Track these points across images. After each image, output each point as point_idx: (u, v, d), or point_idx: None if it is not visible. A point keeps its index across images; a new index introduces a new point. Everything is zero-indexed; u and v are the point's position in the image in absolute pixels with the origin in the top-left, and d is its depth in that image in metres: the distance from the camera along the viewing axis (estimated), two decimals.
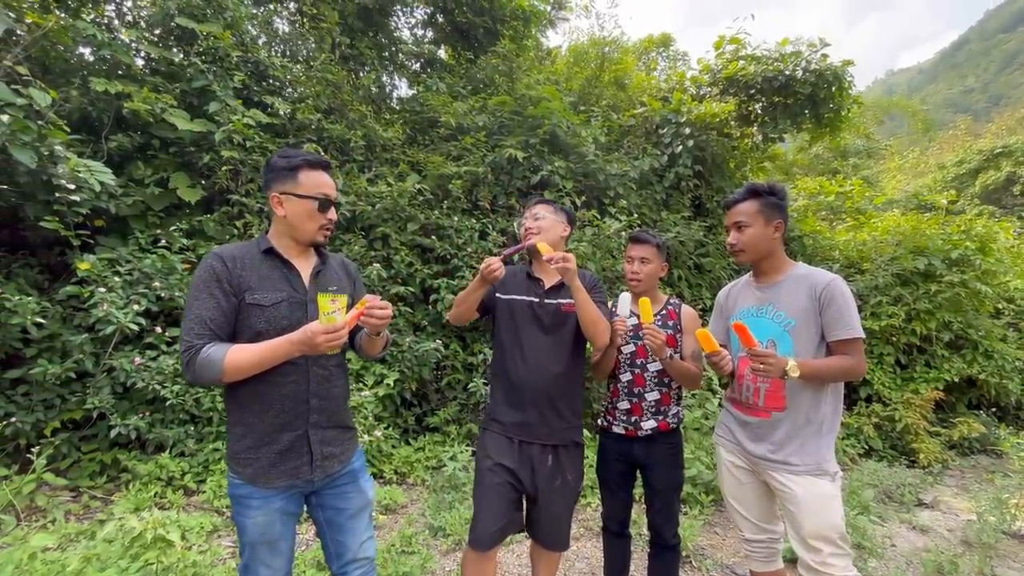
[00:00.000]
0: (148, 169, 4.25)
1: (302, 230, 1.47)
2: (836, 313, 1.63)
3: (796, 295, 1.71)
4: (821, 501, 1.63)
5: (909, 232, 6.22)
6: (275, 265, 1.47)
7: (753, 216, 1.77)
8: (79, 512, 3.14)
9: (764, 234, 1.76)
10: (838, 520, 1.62)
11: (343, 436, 1.56)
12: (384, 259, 4.81)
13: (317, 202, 1.45)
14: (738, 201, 1.82)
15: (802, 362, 1.61)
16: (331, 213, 1.50)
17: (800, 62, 6.00)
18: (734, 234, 1.82)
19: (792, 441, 1.69)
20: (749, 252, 1.80)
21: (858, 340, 1.64)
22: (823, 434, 1.68)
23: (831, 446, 1.69)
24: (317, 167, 1.48)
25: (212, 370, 1.30)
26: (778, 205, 1.77)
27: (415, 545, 2.73)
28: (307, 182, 1.45)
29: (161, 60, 4.46)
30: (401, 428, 4.60)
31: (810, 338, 1.68)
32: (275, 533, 1.43)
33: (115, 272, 3.67)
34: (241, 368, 1.32)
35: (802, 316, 1.69)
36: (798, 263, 1.82)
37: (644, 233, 2.06)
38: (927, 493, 4.06)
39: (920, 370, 5.74)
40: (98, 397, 3.38)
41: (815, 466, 1.65)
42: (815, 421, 1.68)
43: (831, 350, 1.67)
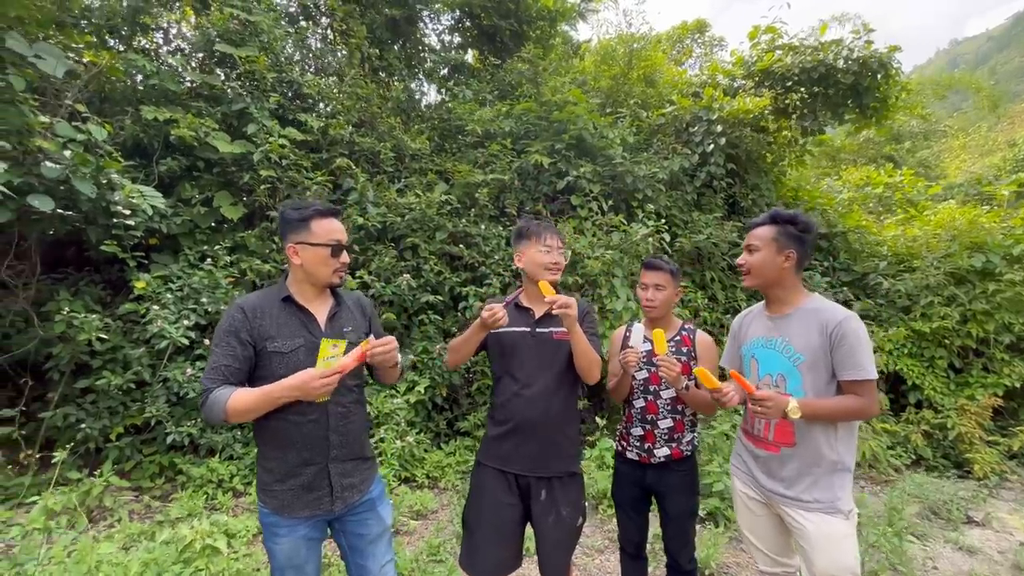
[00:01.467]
0: (195, 189, 4.54)
1: (318, 275, 1.58)
2: (848, 352, 1.59)
3: (807, 329, 1.67)
4: (833, 540, 1.61)
5: (965, 226, 5.83)
6: (292, 312, 1.59)
7: (766, 242, 1.74)
8: (141, 511, 3.44)
9: (773, 261, 1.73)
10: (851, 560, 1.59)
11: (361, 467, 1.66)
12: (414, 268, 4.95)
13: (329, 248, 1.54)
14: (757, 225, 1.81)
15: (805, 403, 1.59)
16: (343, 257, 1.60)
17: (841, 51, 5.69)
18: (744, 255, 1.81)
19: (804, 478, 1.67)
20: (753, 276, 1.78)
21: (869, 382, 1.59)
22: (836, 472, 1.65)
23: (846, 484, 1.66)
24: (327, 215, 1.59)
25: (216, 411, 1.42)
26: (795, 236, 1.72)
27: (442, 553, 2.85)
28: (319, 231, 1.55)
29: (203, 85, 4.73)
30: (433, 433, 4.74)
31: (820, 375, 1.65)
32: (301, 558, 1.55)
33: (167, 288, 3.96)
34: (240, 412, 1.42)
35: (812, 352, 1.65)
36: (814, 295, 1.78)
37: (658, 260, 2.04)
38: (979, 509, 3.84)
39: (977, 375, 5.39)
40: (155, 406, 3.67)
41: (828, 504, 1.63)
42: (827, 458, 1.65)
43: (841, 388, 1.63)
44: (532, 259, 1.91)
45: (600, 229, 5.20)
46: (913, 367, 5.45)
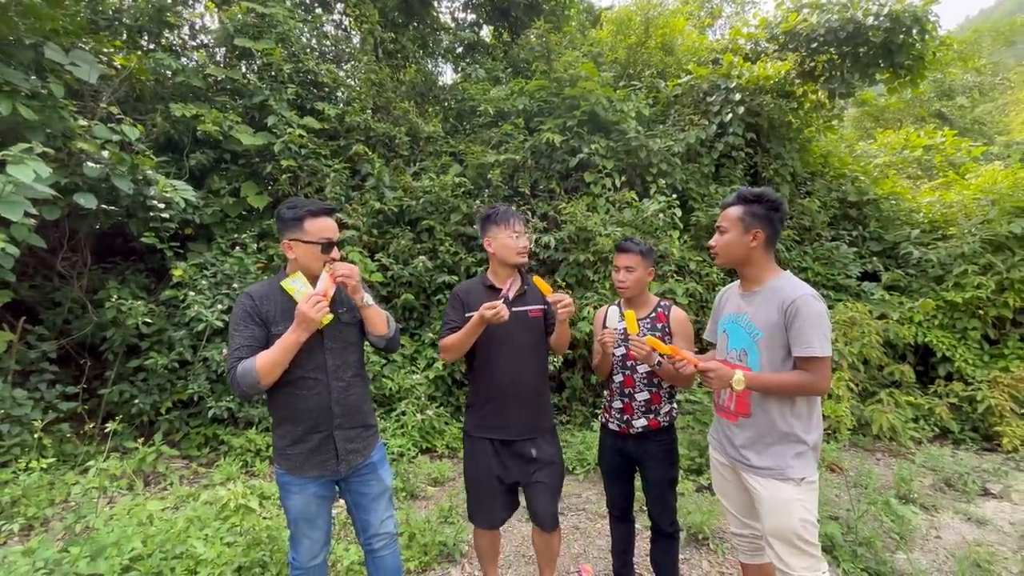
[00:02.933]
0: (223, 181, 4.82)
1: (310, 269, 1.74)
2: (799, 329, 1.64)
3: (768, 307, 1.72)
4: (780, 504, 1.69)
5: (1008, 190, 5.49)
6: (290, 299, 1.74)
7: (733, 222, 1.78)
8: (189, 476, 3.83)
9: (740, 242, 1.77)
10: (795, 523, 1.66)
11: (364, 434, 1.85)
12: (430, 250, 5.12)
13: (319, 246, 1.69)
14: (727, 205, 1.84)
15: (750, 376, 1.67)
16: (334, 252, 1.74)
17: (871, 6, 5.35)
18: (716, 236, 1.86)
19: (756, 445, 1.76)
20: (722, 257, 1.84)
21: (818, 359, 1.62)
22: (790, 443, 1.71)
23: (803, 455, 1.71)
24: (319, 215, 1.72)
25: (250, 375, 1.60)
26: (762, 215, 1.75)
27: (454, 516, 3.08)
28: (311, 229, 1.70)
29: (226, 79, 4.96)
30: (453, 407, 4.98)
31: (776, 351, 1.70)
32: (312, 512, 1.78)
33: (203, 275, 4.28)
34: (267, 365, 1.60)
35: (770, 329, 1.71)
36: (784, 273, 1.80)
37: (628, 242, 2.11)
38: (999, 482, 3.77)
39: (1013, 346, 5.17)
40: (197, 383, 4.03)
41: (777, 471, 1.70)
42: (779, 429, 1.72)
43: (795, 364, 1.68)
44: (503, 244, 2.06)
45: (613, 206, 5.20)
46: (944, 339, 5.27)
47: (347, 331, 1.83)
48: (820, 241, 6.20)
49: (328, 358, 1.76)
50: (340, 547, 2.58)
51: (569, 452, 4.03)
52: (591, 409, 4.86)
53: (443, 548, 2.71)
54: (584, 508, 3.32)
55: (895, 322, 5.20)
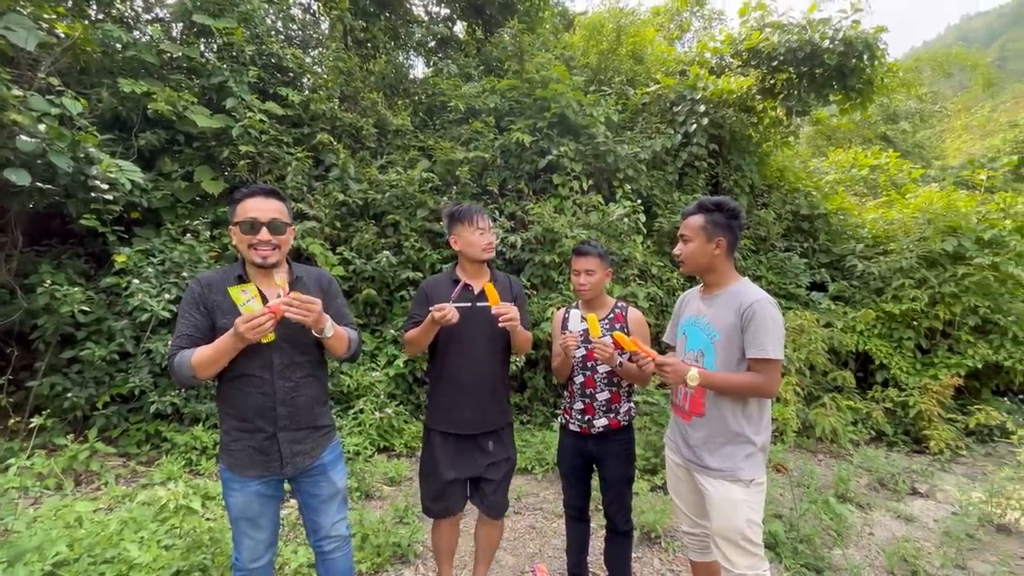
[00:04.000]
0: (175, 164, 4.56)
1: (244, 254, 1.67)
2: (754, 332, 1.70)
3: (726, 311, 1.78)
4: (729, 504, 1.74)
5: (941, 210, 5.90)
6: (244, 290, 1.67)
7: (695, 231, 1.83)
8: (127, 476, 3.61)
9: (704, 250, 1.82)
10: (741, 523, 1.72)
11: (314, 435, 1.77)
12: (395, 245, 5.03)
13: (240, 226, 1.61)
14: (689, 214, 1.88)
15: (705, 374, 1.73)
16: (262, 233, 1.61)
17: (828, 30, 5.64)
18: (679, 245, 1.90)
19: (708, 445, 1.81)
20: (688, 265, 1.89)
21: (769, 361, 1.68)
22: (740, 444, 1.76)
23: (752, 457, 1.76)
24: (252, 195, 1.65)
25: (185, 368, 1.54)
26: (723, 224, 1.81)
27: (409, 517, 3.03)
28: (240, 211, 1.64)
29: (182, 57, 4.70)
30: (414, 405, 4.91)
31: (731, 353, 1.76)
32: (254, 511, 1.69)
33: (149, 263, 4.04)
34: (203, 362, 1.52)
35: (727, 331, 1.76)
36: (743, 279, 1.87)
37: (587, 245, 2.14)
38: (927, 482, 4.05)
39: (942, 355, 5.56)
40: (138, 377, 3.80)
41: (727, 472, 1.75)
42: (730, 430, 1.77)
43: (749, 367, 1.74)
44: (468, 241, 2.06)
45: (580, 208, 5.26)
46: (882, 347, 5.61)
47: (302, 329, 1.71)
48: (774, 251, 6.49)
49: (275, 357, 1.66)
50: (288, 549, 2.49)
51: (528, 452, 4.05)
52: (552, 409, 4.90)
53: (397, 549, 2.66)
54: (541, 508, 3.34)
55: (839, 330, 5.50)
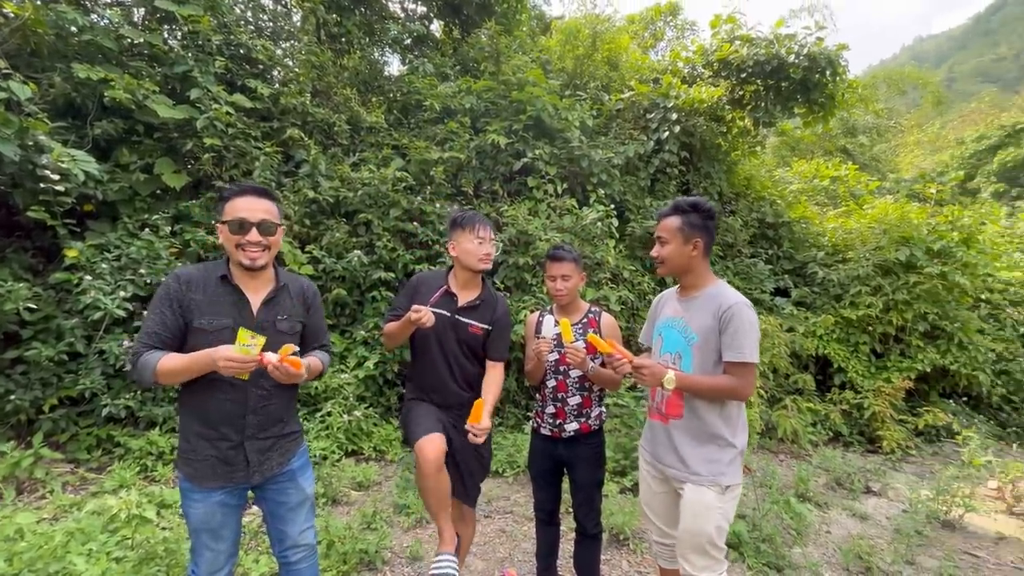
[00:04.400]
0: (133, 155, 4.35)
1: (231, 254, 1.60)
2: (731, 335, 1.70)
3: (704, 313, 1.78)
4: (699, 508, 1.74)
5: (895, 222, 6.21)
6: (227, 291, 1.61)
7: (672, 233, 1.83)
8: (75, 484, 3.41)
9: (681, 252, 1.82)
10: (709, 529, 1.72)
11: (282, 443, 1.71)
12: (367, 245, 4.94)
13: (228, 225, 1.56)
14: (664, 215, 1.88)
15: (682, 376, 1.73)
16: (252, 234, 1.56)
17: (794, 46, 5.86)
18: (656, 247, 1.89)
19: (685, 447, 1.80)
20: (666, 267, 1.88)
21: (746, 365, 1.69)
22: (718, 447, 1.76)
23: (730, 461, 1.75)
24: (242, 194, 1.59)
25: (146, 373, 1.48)
26: (699, 225, 1.80)
27: (377, 522, 2.97)
28: (229, 209, 1.58)
29: (144, 44, 4.50)
30: (384, 407, 4.82)
31: (708, 355, 1.76)
32: (215, 523, 1.62)
33: (103, 258, 3.84)
34: (169, 373, 1.47)
35: (705, 334, 1.76)
36: (720, 281, 1.87)
37: (561, 250, 2.14)
38: (879, 481, 4.24)
39: (894, 359, 5.84)
40: (89, 378, 3.60)
41: (707, 477, 1.74)
42: (710, 432, 1.77)
43: (725, 369, 1.74)
44: (465, 249, 2.04)
45: (554, 211, 5.29)
46: (840, 351, 5.85)
47: (282, 340, 1.65)
48: (740, 257, 6.68)
49: None
50: (249, 558, 2.40)
51: (500, 455, 4.04)
52: (523, 411, 4.90)
53: (364, 556, 2.60)
54: (512, 511, 3.33)
55: (801, 335, 5.71)
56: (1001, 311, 6.28)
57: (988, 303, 6.34)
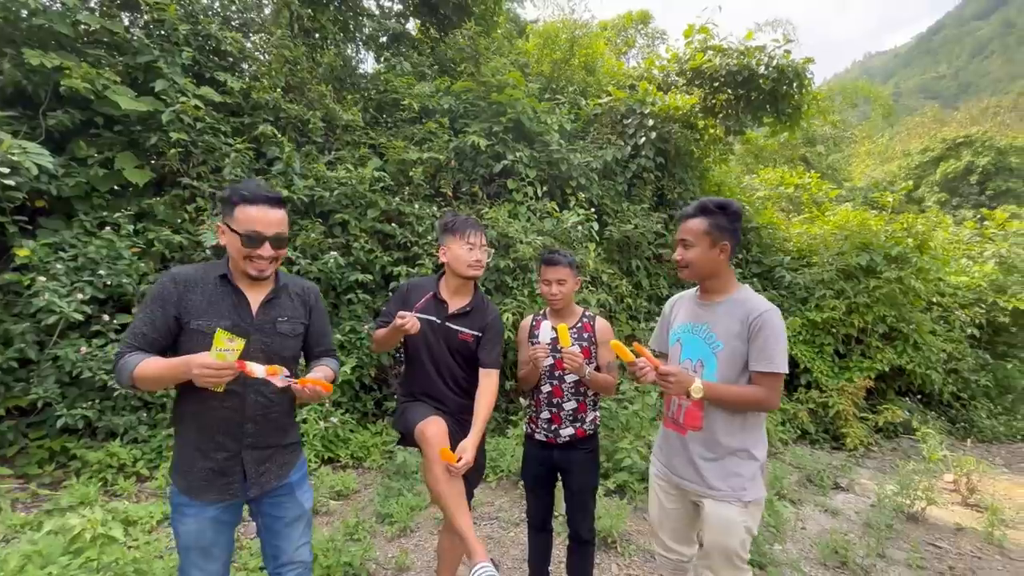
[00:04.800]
0: (92, 148, 4.09)
1: (235, 261, 1.52)
2: (762, 344, 1.62)
3: (731, 319, 1.70)
4: (723, 523, 1.68)
5: (856, 228, 6.51)
6: (227, 291, 1.52)
7: (699, 236, 1.72)
8: (27, 501, 3.16)
9: (708, 256, 1.72)
10: (735, 544, 1.66)
11: (281, 453, 1.63)
12: (343, 246, 4.80)
13: (240, 238, 1.47)
14: (688, 217, 1.77)
15: (709, 385, 1.62)
16: (264, 249, 1.49)
17: (764, 57, 6.07)
18: (680, 250, 1.79)
19: (703, 461, 1.72)
20: (692, 271, 1.78)
21: (776, 375, 1.62)
22: (740, 459, 1.69)
23: (752, 475, 1.69)
24: (254, 203, 1.48)
25: (124, 375, 1.39)
26: (727, 227, 1.71)
27: (360, 533, 2.88)
28: (241, 217, 1.47)
29: (102, 31, 4.24)
30: (360, 412, 4.70)
31: (734, 363, 1.67)
32: (207, 540, 1.53)
33: (58, 258, 3.59)
34: (146, 379, 1.38)
35: (731, 341, 1.68)
36: (744, 286, 1.80)
37: (556, 255, 2.12)
38: (846, 477, 4.42)
39: (856, 360, 6.12)
40: (43, 387, 3.35)
41: (728, 491, 1.68)
42: (732, 445, 1.69)
43: (751, 379, 1.66)
44: (455, 255, 1.99)
45: (534, 214, 5.29)
46: (806, 352, 6.09)
47: (283, 342, 1.58)
48: None
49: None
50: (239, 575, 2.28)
51: None
52: (504, 415, 4.87)
53: (348, 569, 2.51)
54: (497, 516, 3.29)
55: None
56: (951, 313, 6.68)
57: (939, 306, 6.74)
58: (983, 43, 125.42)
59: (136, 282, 3.82)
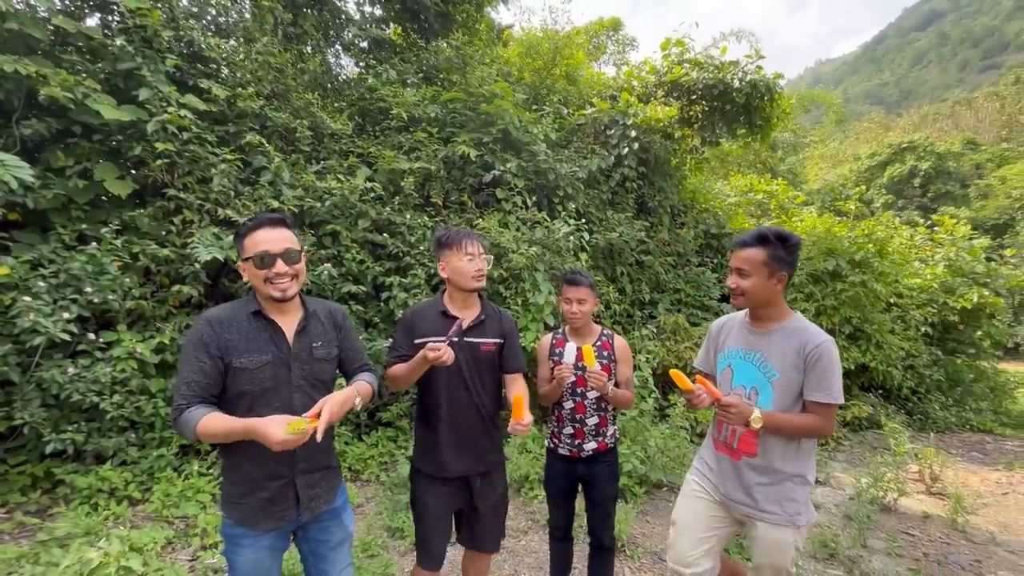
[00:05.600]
0: (69, 158, 3.92)
1: (259, 290, 1.56)
2: (820, 375, 1.65)
3: (786, 349, 1.71)
4: (778, 546, 1.74)
5: (823, 234, 6.91)
6: (261, 326, 1.56)
7: (757, 266, 1.73)
8: (13, 531, 3.02)
9: (766, 286, 1.73)
10: (787, 564, 1.75)
11: (328, 476, 1.68)
12: (335, 257, 4.76)
13: (252, 261, 1.52)
14: (746, 245, 1.77)
15: (768, 414, 1.65)
16: (278, 266, 1.53)
17: (738, 72, 6.37)
18: (734, 278, 1.79)
19: (757, 486, 1.76)
20: (748, 300, 1.79)
21: (833, 405, 1.66)
22: (795, 485, 1.73)
23: (804, 498, 1.74)
24: (258, 227, 1.55)
25: (187, 432, 1.42)
26: (785, 259, 1.72)
27: (374, 548, 2.89)
28: (249, 244, 1.53)
29: (78, 35, 4.05)
30: (353, 424, 4.68)
31: (790, 393, 1.71)
32: (264, 569, 1.57)
33: (39, 275, 3.42)
34: (209, 436, 1.42)
35: (787, 371, 1.70)
36: (796, 314, 1.82)
37: (577, 275, 2.21)
38: (822, 471, 4.71)
39: None
40: (27, 411, 3.20)
41: (783, 515, 1.72)
42: (788, 472, 1.73)
43: (805, 407, 1.70)
44: (456, 268, 1.95)
45: (524, 224, 5.38)
46: None
47: (321, 367, 1.64)
48: (690, 266, 7.14)
49: (296, 397, 1.56)
50: None
51: None
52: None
53: None
54: (507, 525, 3.35)
55: None
56: (907, 313, 7.18)
57: (898, 307, 7.23)
58: (921, 53, 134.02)
59: (121, 298, 3.69)
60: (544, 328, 4.66)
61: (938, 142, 29.22)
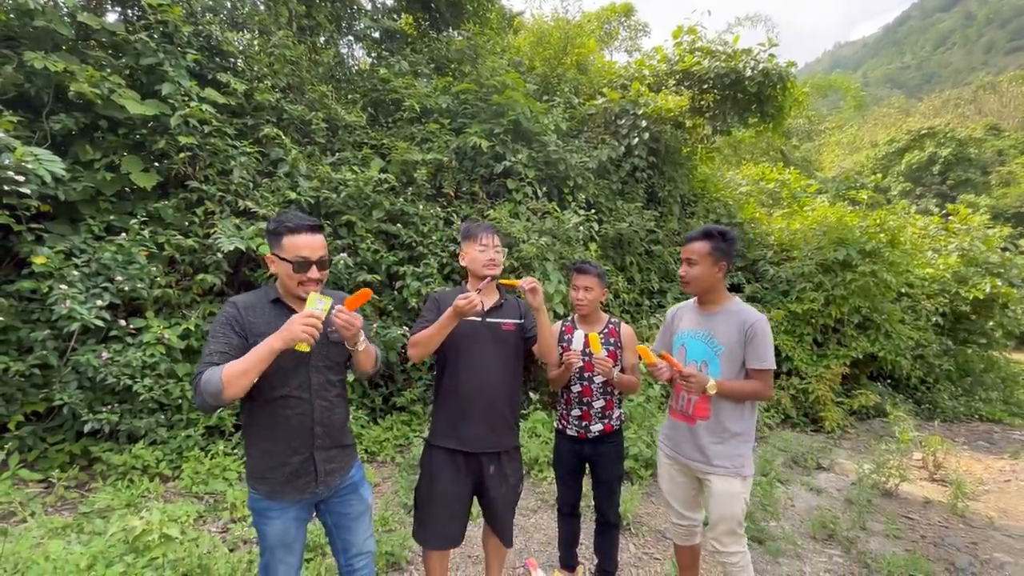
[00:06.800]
0: (96, 152, 4.07)
1: (287, 287, 1.68)
2: (756, 347, 2.00)
3: (729, 327, 2.05)
4: (729, 496, 2.04)
5: (834, 224, 6.89)
6: (282, 312, 1.68)
7: (702, 256, 2.07)
8: (55, 504, 3.23)
9: (709, 273, 2.07)
10: (738, 512, 2.04)
11: (343, 453, 1.82)
12: (350, 246, 4.89)
13: (291, 265, 1.62)
14: (694, 239, 2.10)
15: (720, 382, 1.99)
16: (312, 272, 1.64)
17: (750, 60, 6.33)
18: (685, 267, 2.12)
19: (714, 444, 2.07)
20: (694, 286, 2.12)
21: (769, 371, 2.01)
22: (741, 442, 2.06)
23: (747, 453, 2.06)
24: (297, 231, 1.64)
25: (214, 383, 1.45)
26: (726, 250, 2.06)
27: (392, 523, 3.06)
28: (288, 245, 1.63)
29: (102, 32, 4.18)
30: (369, 408, 4.85)
31: (734, 363, 2.04)
32: (291, 537, 1.72)
33: (72, 264, 3.60)
34: (235, 373, 1.46)
35: (731, 345, 2.04)
36: (735, 298, 2.15)
37: (587, 264, 2.35)
38: (826, 457, 4.80)
39: (833, 348, 6.54)
40: (66, 392, 3.40)
41: (731, 468, 2.04)
42: (732, 430, 2.05)
43: (748, 375, 2.05)
44: (472, 257, 2.14)
45: (535, 214, 5.46)
46: (787, 342, 6.47)
47: (335, 350, 1.77)
48: None
49: (313, 376, 1.71)
50: None
51: None
52: None
53: (390, 557, 2.70)
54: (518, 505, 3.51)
55: None
56: (918, 303, 7.16)
57: (908, 297, 7.21)
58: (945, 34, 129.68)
59: (148, 286, 3.87)
60: (554, 317, 4.78)
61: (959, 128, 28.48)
